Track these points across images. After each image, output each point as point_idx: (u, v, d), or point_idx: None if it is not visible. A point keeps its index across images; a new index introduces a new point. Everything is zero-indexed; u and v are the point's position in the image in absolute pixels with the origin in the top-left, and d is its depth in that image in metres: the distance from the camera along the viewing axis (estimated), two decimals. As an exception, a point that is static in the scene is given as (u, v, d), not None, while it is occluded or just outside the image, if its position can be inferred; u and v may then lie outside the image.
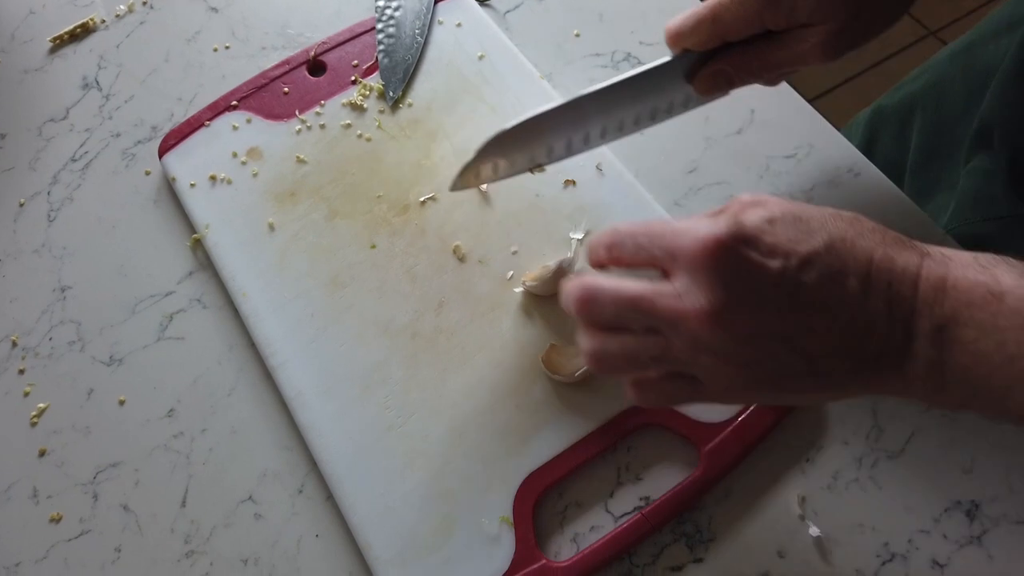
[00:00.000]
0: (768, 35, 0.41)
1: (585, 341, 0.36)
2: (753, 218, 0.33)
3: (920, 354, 0.32)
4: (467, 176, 0.42)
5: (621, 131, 0.44)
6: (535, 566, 0.39)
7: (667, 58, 0.42)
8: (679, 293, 0.33)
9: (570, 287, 0.36)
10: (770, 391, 0.34)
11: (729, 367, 0.33)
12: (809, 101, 0.54)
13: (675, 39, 0.42)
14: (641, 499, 0.41)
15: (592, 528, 0.41)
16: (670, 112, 0.45)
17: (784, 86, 0.53)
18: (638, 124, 0.44)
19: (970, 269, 0.32)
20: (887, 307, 0.32)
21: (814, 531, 0.40)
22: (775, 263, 0.32)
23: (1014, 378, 0.31)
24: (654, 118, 0.44)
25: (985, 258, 0.33)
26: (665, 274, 0.34)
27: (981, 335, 0.31)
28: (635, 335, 0.35)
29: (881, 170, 0.50)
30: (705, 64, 0.43)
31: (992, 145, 0.51)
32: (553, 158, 0.43)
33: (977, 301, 0.31)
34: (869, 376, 0.33)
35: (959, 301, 0.32)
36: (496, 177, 0.43)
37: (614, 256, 0.36)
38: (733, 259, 0.33)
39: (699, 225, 0.33)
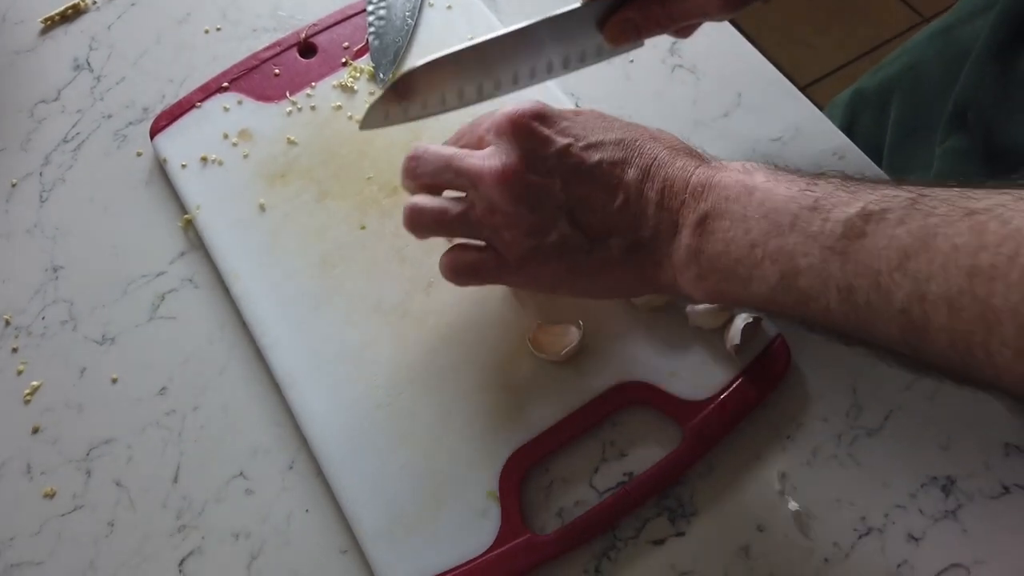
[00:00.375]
0: None
1: (407, 205, 0.41)
2: (560, 107, 0.40)
3: (683, 242, 0.37)
4: (375, 114, 0.42)
5: (533, 78, 0.44)
6: (521, 539, 0.40)
7: (577, 4, 0.42)
8: (483, 155, 0.39)
9: (412, 147, 0.42)
10: (559, 265, 0.39)
11: (518, 233, 0.38)
12: (801, 89, 0.54)
13: None
14: (625, 475, 0.42)
15: (577, 503, 0.41)
16: (583, 61, 0.45)
17: (771, 70, 0.54)
18: (551, 71, 0.44)
19: (735, 172, 0.37)
20: (659, 197, 0.37)
21: (793, 506, 0.41)
22: (564, 140, 0.39)
23: (754, 263, 0.34)
24: (567, 66, 0.45)
25: (751, 163, 0.37)
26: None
27: (732, 224, 0.35)
28: (449, 198, 0.41)
29: (862, 151, 0.50)
30: (614, 12, 0.43)
31: (966, 125, 0.52)
32: (464, 101, 0.44)
33: (733, 195, 0.36)
34: (643, 259, 0.38)
35: (720, 196, 0.36)
36: (406, 118, 0.43)
37: (453, 140, 0.43)
38: (527, 129, 0.38)
39: (513, 103, 0.39)
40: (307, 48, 0.55)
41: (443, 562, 0.40)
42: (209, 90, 0.53)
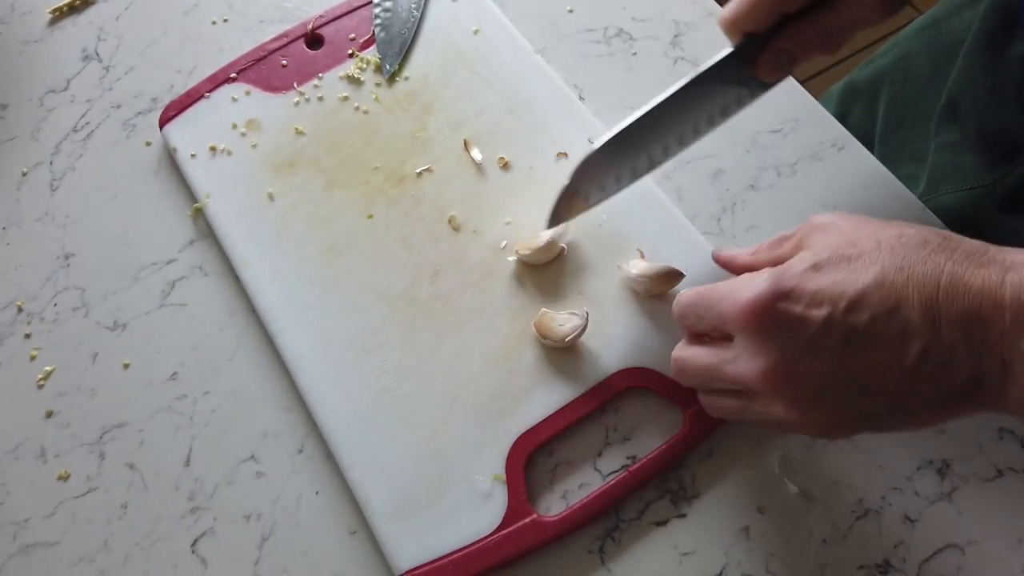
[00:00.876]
0: (824, 2, 0.41)
1: (701, 398, 0.40)
2: (795, 267, 0.33)
3: (1021, 376, 0.30)
4: (560, 210, 0.43)
5: (682, 144, 0.44)
6: (526, 520, 0.41)
7: (725, 51, 0.42)
8: (736, 358, 0.35)
9: (672, 359, 0.40)
10: (865, 428, 0.34)
11: (811, 416, 0.34)
12: (800, 83, 0.55)
13: (733, 25, 0.42)
14: (628, 458, 0.43)
15: (581, 485, 0.42)
16: (725, 114, 0.45)
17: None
18: (697, 132, 0.44)
19: None
20: (965, 333, 0.30)
21: (792, 488, 0.42)
22: (820, 312, 0.32)
23: None
24: (712, 123, 0.44)
25: None
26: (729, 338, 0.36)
27: None
28: (729, 393, 0.38)
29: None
30: (764, 47, 0.42)
31: (959, 117, 0.53)
32: (636, 176, 0.44)
33: None
34: (966, 405, 0.32)
35: None
36: (587, 206, 0.44)
37: (686, 325, 0.39)
38: (775, 318, 0.33)
39: (743, 288, 0.34)
40: (314, 39, 0.55)
41: (450, 542, 0.40)
42: (217, 80, 0.54)
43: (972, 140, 0.52)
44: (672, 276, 0.45)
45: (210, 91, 0.53)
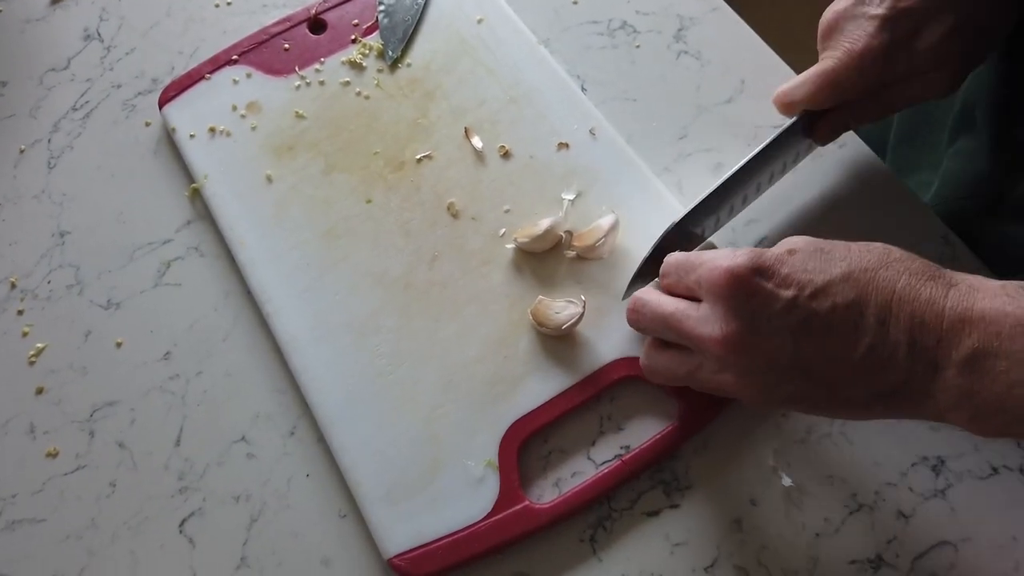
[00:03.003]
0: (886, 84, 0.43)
1: (642, 354, 0.41)
2: (775, 250, 0.36)
3: (949, 384, 0.32)
4: (638, 282, 0.44)
5: (744, 203, 0.46)
6: (518, 507, 0.40)
7: (788, 123, 0.44)
8: (700, 317, 0.36)
9: (631, 299, 0.41)
10: (800, 409, 0.37)
11: (752, 389, 0.36)
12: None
13: (789, 108, 0.44)
14: (622, 447, 0.42)
15: (574, 474, 0.42)
16: (783, 172, 0.48)
17: (774, 58, 0.54)
18: (759, 191, 0.46)
19: (998, 299, 0.32)
20: (908, 336, 0.33)
21: (786, 481, 0.42)
22: (788, 292, 0.34)
23: None
24: (771, 180, 0.47)
25: (1012, 287, 0.33)
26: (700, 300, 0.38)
27: (1013, 365, 0.31)
28: (676, 352, 0.39)
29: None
30: (823, 118, 0.45)
31: (975, 125, 0.53)
32: (704, 237, 0.46)
33: (1007, 332, 0.31)
34: (895, 403, 0.34)
35: (988, 332, 0.32)
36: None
37: (667, 284, 0.40)
38: (747, 289, 0.35)
39: (724, 257, 0.36)
40: (317, 24, 0.55)
41: (441, 528, 0.40)
42: (219, 62, 0.54)
43: (987, 148, 0.52)
44: (613, 225, 0.46)
45: (211, 72, 0.53)
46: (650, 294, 0.40)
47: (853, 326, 0.34)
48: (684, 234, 0.44)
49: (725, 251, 0.37)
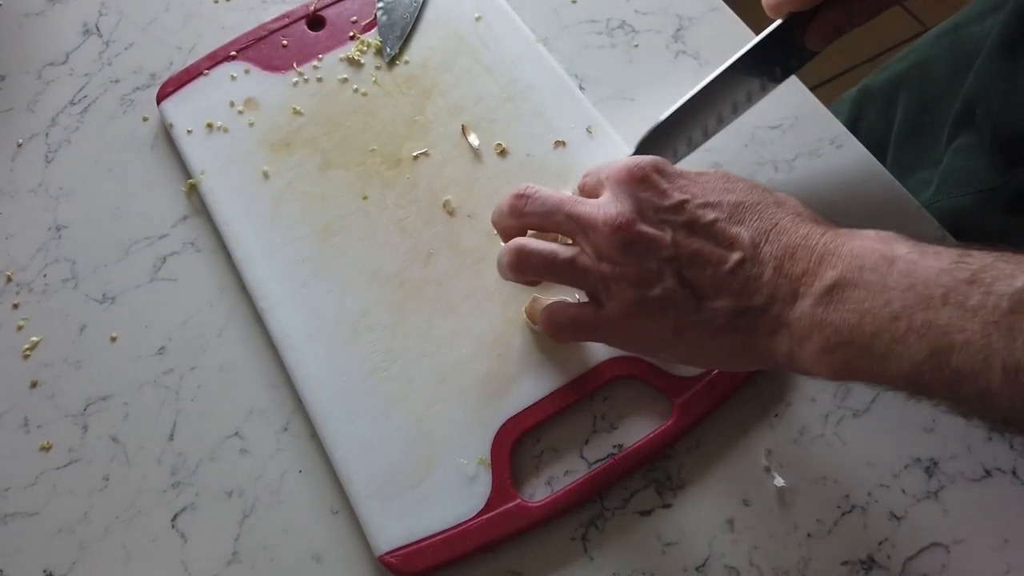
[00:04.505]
0: None
1: (511, 243, 0.40)
2: (682, 168, 0.39)
3: (806, 311, 0.34)
4: None
5: (735, 113, 0.46)
6: (510, 505, 0.40)
7: (775, 24, 0.43)
8: (596, 203, 0.38)
9: (509, 194, 0.41)
10: (662, 322, 0.37)
11: (623, 283, 0.37)
12: (811, 89, 0.55)
13: (777, 7, 0.44)
14: (615, 447, 0.42)
15: (566, 472, 0.42)
16: (775, 80, 0.47)
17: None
18: (736, 111, 0.46)
19: (870, 240, 0.34)
20: (777, 262, 0.35)
21: (779, 482, 0.41)
22: (680, 195, 0.37)
23: (896, 338, 0.31)
24: (764, 88, 0.46)
25: (885, 232, 0.34)
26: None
27: (869, 295, 0.32)
28: (556, 244, 0.40)
29: (865, 146, 0.51)
30: (813, 19, 0.43)
31: (975, 121, 0.53)
32: (692, 147, 0.46)
33: (869, 264, 0.33)
34: (754, 326, 0.35)
35: (853, 264, 0.33)
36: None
37: (582, 183, 0.41)
38: (644, 180, 0.38)
39: (632, 157, 0.39)
40: (315, 20, 0.55)
41: (433, 525, 0.40)
42: (217, 58, 0.54)
43: (987, 144, 0.52)
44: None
45: (209, 68, 0.53)
46: (544, 188, 0.41)
47: (731, 241, 0.36)
48: (672, 133, 0.44)
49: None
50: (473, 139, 0.50)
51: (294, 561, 0.41)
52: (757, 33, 0.55)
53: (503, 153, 0.50)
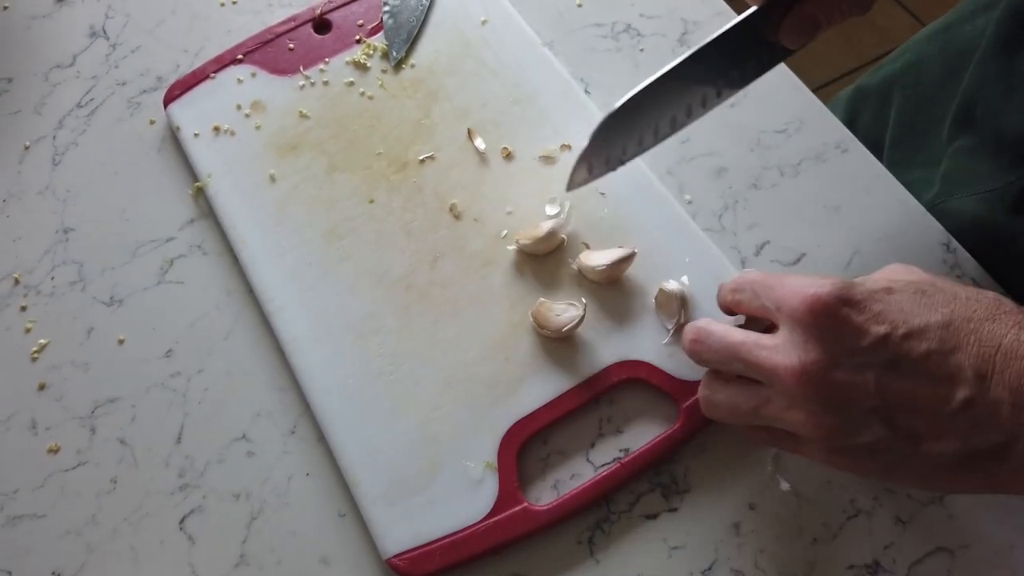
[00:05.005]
0: None
1: (701, 387, 0.38)
2: (868, 284, 0.33)
3: None
4: (580, 170, 0.41)
5: (704, 107, 0.42)
6: (516, 508, 0.40)
7: (748, 11, 0.40)
8: (776, 346, 0.33)
9: (688, 328, 0.38)
10: (871, 464, 0.33)
11: (825, 431, 0.33)
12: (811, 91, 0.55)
13: None
14: (621, 450, 0.43)
15: (573, 476, 0.42)
16: (744, 79, 0.43)
17: (778, 64, 0.54)
18: (705, 105, 0.42)
19: None
20: (1014, 396, 0.30)
21: (785, 486, 0.42)
22: (879, 328, 0.31)
23: None
24: (732, 86, 0.42)
25: None
26: (773, 327, 0.35)
27: None
28: (741, 385, 0.36)
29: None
30: (788, 11, 0.40)
31: (975, 122, 0.53)
32: (659, 138, 0.42)
33: None
34: (992, 467, 0.31)
35: None
36: (608, 168, 0.42)
37: (736, 300, 0.37)
38: (832, 319, 0.32)
39: (811, 283, 0.33)
40: (322, 24, 0.55)
41: (439, 528, 0.40)
42: (223, 61, 0.54)
43: (988, 145, 0.52)
44: (626, 258, 0.45)
45: (216, 71, 0.53)
46: (714, 324, 0.37)
47: (948, 376, 0.31)
48: (630, 123, 0.41)
49: (811, 277, 0.34)
50: (479, 142, 0.51)
51: (301, 564, 0.41)
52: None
53: (509, 156, 0.50)
